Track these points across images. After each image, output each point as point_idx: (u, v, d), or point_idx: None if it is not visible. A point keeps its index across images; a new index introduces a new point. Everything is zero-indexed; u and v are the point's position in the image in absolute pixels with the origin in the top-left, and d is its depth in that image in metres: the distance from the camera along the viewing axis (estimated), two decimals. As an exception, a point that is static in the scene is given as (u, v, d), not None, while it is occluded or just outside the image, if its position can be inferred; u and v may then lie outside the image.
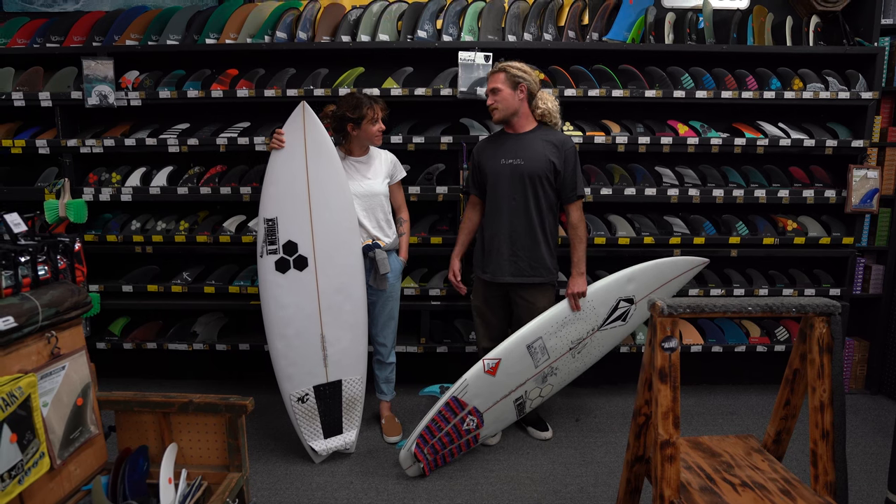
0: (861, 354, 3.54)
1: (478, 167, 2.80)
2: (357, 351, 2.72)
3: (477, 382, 2.60)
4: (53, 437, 1.65)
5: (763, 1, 3.45)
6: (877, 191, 3.25)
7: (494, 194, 2.73)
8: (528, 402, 2.74)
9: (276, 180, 2.58)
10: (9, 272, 1.71)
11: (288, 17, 3.29)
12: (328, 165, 2.61)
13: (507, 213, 2.69)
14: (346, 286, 2.66)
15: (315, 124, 2.59)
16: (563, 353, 2.72)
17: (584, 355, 2.79)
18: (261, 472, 2.66)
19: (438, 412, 2.58)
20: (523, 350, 2.64)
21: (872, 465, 2.73)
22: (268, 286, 2.59)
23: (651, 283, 2.80)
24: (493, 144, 2.78)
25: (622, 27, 3.31)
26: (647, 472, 1.85)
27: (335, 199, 2.62)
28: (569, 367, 2.77)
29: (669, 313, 1.58)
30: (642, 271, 2.77)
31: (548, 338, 2.67)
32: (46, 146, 3.24)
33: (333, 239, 2.62)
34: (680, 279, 2.86)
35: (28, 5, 3.57)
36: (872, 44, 3.23)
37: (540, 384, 2.73)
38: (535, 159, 2.65)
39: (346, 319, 2.67)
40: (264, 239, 2.57)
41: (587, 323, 2.74)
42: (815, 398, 1.62)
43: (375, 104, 2.70)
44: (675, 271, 2.84)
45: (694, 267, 2.88)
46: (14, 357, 1.56)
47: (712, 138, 3.23)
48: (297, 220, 2.58)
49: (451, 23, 3.29)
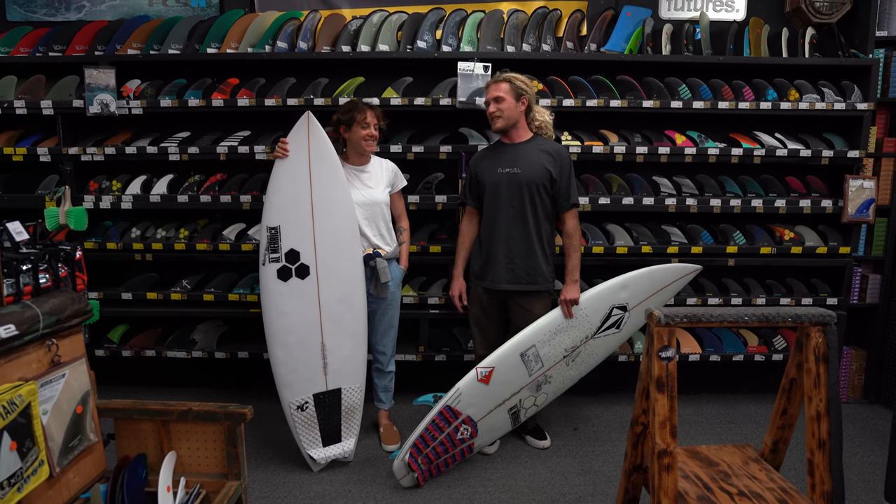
0: (858, 364, 3.55)
1: (475, 178, 2.82)
2: (357, 359, 2.73)
3: (470, 391, 2.60)
4: (53, 445, 1.66)
5: (759, 13, 3.48)
6: (873, 201, 3.27)
7: (492, 203, 2.75)
8: (522, 411, 2.75)
9: (280, 189, 2.59)
10: (10, 280, 1.72)
11: (289, 28, 3.31)
12: (331, 175, 2.63)
13: (505, 222, 2.71)
14: (347, 295, 2.67)
15: (319, 134, 2.61)
16: (557, 362, 2.72)
17: (578, 363, 2.79)
18: (259, 481, 2.66)
19: (432, 421, 2.58)
20: (517, 358, 2.64)
21: (869, 475, 2.73)
22: (269, 294, 2.60)
23: (644, 291, 2.80)
24: (490, 155, 2.81)
25: (620, 38, 3.34)
26: (644, 481, 1.85)
27: (338, 209, 2.64)
28: (563, 375, 2.77)
29: (667, 323, 1.59)
30: (635, 279, 2.77)
31: (541, 346, 2.67)
32: (48, 154, 3.25)
33: (336, 248, 2.63)
34: (674, 286, 2.86)
35: (31, 14, 3.59)
36: (867, 55, 3.26)
37: (534, 392, 2.73)
38: (533, 168, 2.68)
39: (346, 328, 2.68)
40: (266, 247, 2.58)
41: (580, 331, 2.74)
42: (812, 408, 1.63)
43: (368, 110, 2.73)
44: (668, 278, 2.83)
45: (687, 274, 2.86)
46: (15, 365, 1.57)
47: (709, 148, 3.26)
48: (299, 229, 2.59)
49: (451, 33, 3.31)
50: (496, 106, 2.68)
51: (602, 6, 3.46)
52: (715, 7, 3.53)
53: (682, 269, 2.86)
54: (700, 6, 3.53)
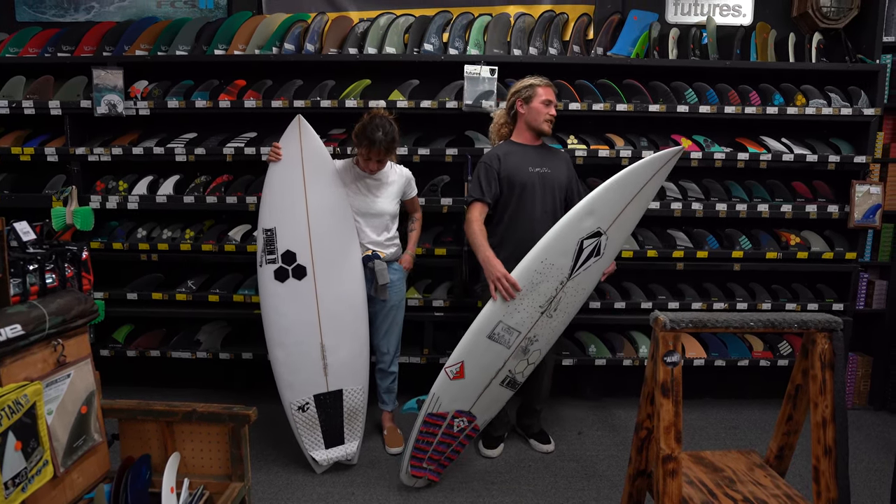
0: (864, 370, 3.53)
1: (501, 175, 2.72)
2: (358, 361, 2.73)
3: (448, 392, 2.52)
4: (57, 445, 1.66)
5: (766, 18, 3.48)
6: (879, 206, 3.25)
7: (523, 201, 2.70)
8: (518, 376, 2.56)
9: (275, 191, 2.62)
10: (17, 280, 1.73)
11: (296, 30, 3.32)
12: (325, 177, 2.67)
13: (539, 220, 2.67)
14: (346, 295, 2.68)
15: (311, 137, 2.64)
16: (535, 322, 2.48)
17: (562, 309, 2.50)
18: (262, 482, 2.66)
19: (420, 432, 2.53)
20: (485, 342, 2.47)
21: (875, 482, 2.71)
22: (267, 295, 2.62)
23: (616, 205, 2.37)
24: (516, 153, 2.75)
25: (627, 42, 3.34)
26: (649, 486, 1.85)
27: (333, 210, 2.67)
28: (550, 326, 2.52)
29: (672, 328, 1.58)
30: (599, 197, 2.35)
31: (508, 317, 2.46)
32: (55, 154, 3.27)
33: (332, 248, 2.65)
34: (654, 181, 2.36)
35: (40, 15, 3.62)
36: (874, 61, 3.25)
37: (522, 357, 2.53)
38: (558, 168, 2.76)
39: (346, 329, 2.68)
40: (263, 248, 2.60)
41: (552, 282, 2.44)
42: (818, 414, 1.62)
43: (372, 148, 2.60)
44: (642, 177, 2.33)
45: (664, 165, 2.33)
46: (20, 365, 1.57)
47: (715, 153, 3.25)
48: (295, 230, 2.61)
49: (458, 36, 3.32)
50: (552, 109, 2.72)
51: (609, 10, 3.46)
52: (722, 12, 3.53)
53: (659, 158, 2.32)
54: (707, 11, 3.52)
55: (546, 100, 2.71)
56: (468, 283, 3.21)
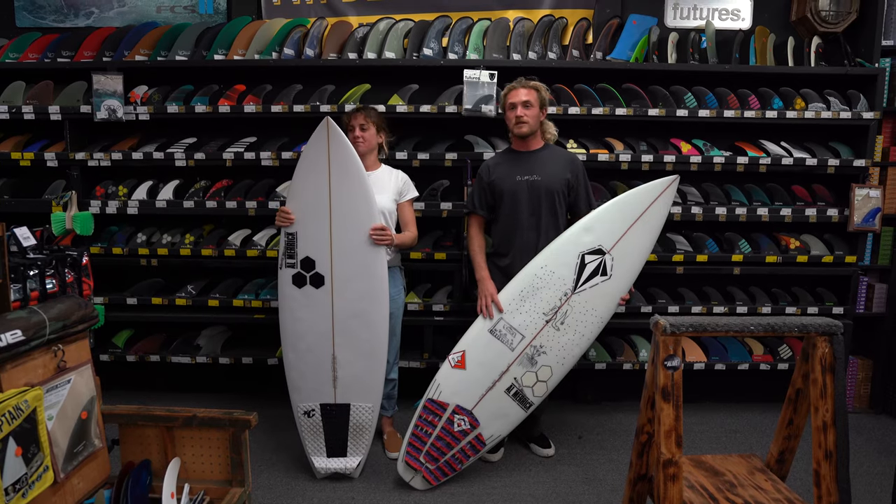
0: (865, 373, 3.53)
1: (490, 186, 2.76)
2: (372, 380, 2.64)
3: (449, 380, 2.55)
4: (58, 451, 1.66)
5: (765, 22, 3.49)
6: (879, 210, 3.26)
7: (511, 211, 2.72)
8: (526, 390, 2.56)
9: (299, 195, 2.55)
10: (17, 286, 1.73)
11: (296, 34, 3.33)
12: (354, 185, 2.52)
13: (527, 229, 2.70)
14: (364, 312, 2.58)
15: (339, 140, 2.48)
16: (540, 329, 2.53)
17: (572, 325, 2.53)
18: (262, 487, 2.66)
19: (419, 416, 2.58)
20: (487, 336, 2.55)
21: (876, 486, 2.71)
22: (285, 298, 2.61)
23: (616, 227, 2.50)
24: (505, 162, 2.78)
25: (626, 46, 3.35)
26: (649, 490, 1.84)
27: (359, 222, 2.55)
28: (559, 341, 2.54)
29: (672, 332, 1.58)
30: (598, 217, 2.51)
31: (510, 317, 2.54)
32: (55, 159, 3.27)
33: (354, 261, 2.56)
34: (655, 208, 2.49)
35: (40, 20, 3.63)
36: (873, 64, 3.26)
37: (529, 367, 2.54)
38: (551, 175, 2.70)
39: (361, 347, 2.60)
40: (283, 251, 2.58)
41: (554, 290, 2.52)
42: (818, 418, 1.62)
43: (354, 112, 2.76)
44: (641, 203, 2.47)
45: (663, 191, 2.46)
46: (21, 370, 1.57)
47: (715, 157, 3.25)
48: (316, 238, 2.54)
49: (457, 41, 3.33)
50: (524, 111, 2.65)
51: (608, 14, 3.47)
52: (721, 16, 3.54)
53: (656, 186, 2.46)
54: (706, 15, 3.54)
55: (510, 103, 2.68)
56: (468, 287, 3.21)
